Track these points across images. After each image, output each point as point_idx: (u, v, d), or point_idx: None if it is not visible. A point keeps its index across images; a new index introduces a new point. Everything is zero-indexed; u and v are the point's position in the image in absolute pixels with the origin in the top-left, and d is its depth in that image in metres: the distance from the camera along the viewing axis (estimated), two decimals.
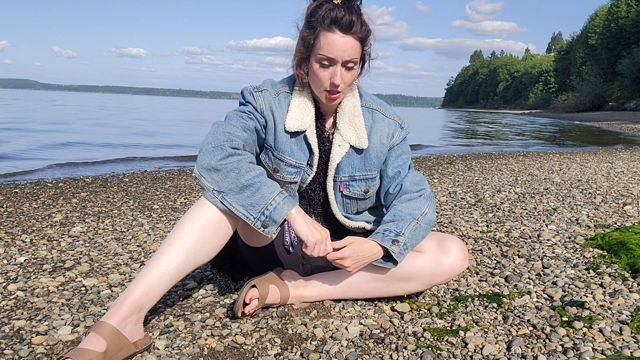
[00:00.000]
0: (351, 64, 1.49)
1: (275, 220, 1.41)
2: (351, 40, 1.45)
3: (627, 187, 4.25)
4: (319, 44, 1.47)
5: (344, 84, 1.51)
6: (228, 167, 1.40)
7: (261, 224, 1.41)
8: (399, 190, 1.68)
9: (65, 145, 8.51)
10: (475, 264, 2.17)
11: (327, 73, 1.49)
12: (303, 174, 1.64)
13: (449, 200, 3.67)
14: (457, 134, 16.65)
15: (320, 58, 1.47)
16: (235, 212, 1.41)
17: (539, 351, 1.40)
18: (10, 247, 2.37)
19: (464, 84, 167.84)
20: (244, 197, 1.40)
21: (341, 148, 1.63)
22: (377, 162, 1.68)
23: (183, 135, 12.38)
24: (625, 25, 55.51)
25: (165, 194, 3.95)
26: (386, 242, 1.54)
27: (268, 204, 1.40)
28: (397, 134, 1.69)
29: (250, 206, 1.40)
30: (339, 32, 1.44)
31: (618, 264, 2.11)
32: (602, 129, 21.21)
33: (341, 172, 1.65)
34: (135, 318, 1.36)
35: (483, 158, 7.50)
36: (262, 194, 1.40)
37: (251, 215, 1.40)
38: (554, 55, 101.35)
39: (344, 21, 1.43)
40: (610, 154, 8.27)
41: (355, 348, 1.43)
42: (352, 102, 1.64)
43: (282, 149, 1.60)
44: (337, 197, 1.69)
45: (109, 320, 1.32)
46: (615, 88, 51.61)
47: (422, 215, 1.61)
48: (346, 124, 1.63)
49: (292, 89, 1.63)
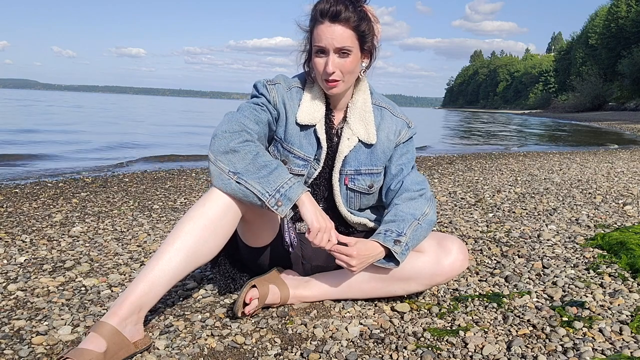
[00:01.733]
0: (345, 51, 1.53)
1: (290, 198, 1.41)
2: (340, 28, 1.50)
3: (627, 187, 4.25)
4: (314, 37, 1.54)
5: (340, 73, 1.55)
6: (246, 149, 1.43)
7: (275, 202, 1.40)
8: (400, 187, 1.70)
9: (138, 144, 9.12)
10: (475, 264, 2.17)
11: (322, 62, 1.54)
12: (310, 168, 1.67)
13: (449, 200, 3.67)
14: (457, 134, 16.65)
15: (316, 49, 1.55)
16: (251, 189, 1.40)
17: (539, 351, 1.40)
18: (10, 247, 2.37)
19: (464, 84, 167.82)
20: (261, 176, 1.41)
21: (350, 141, 1.66)
22: (383, 158, 1.71)
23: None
24: (625, 25, 55.51)
25: (165, 194, 3.95)
26: (388, 243, 1.54)
27: (284, 182, 1.42)
28: (403, 132, 1.73)
29: (266, 183, 1.40)
30: (327, 21, 1.51)
31: (618, 264, 2.11)
32: (602, 129, 21.22)
33: (347, 165, 1.68)
34: (136, 318, 1.36)
35: (483, 158, 7.50)
36: (279, 173, 1.43)
37: (267, 192, 1.40)
38: (554, 55, 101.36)
39: (331, 11, 1.49)
40: (610, 154, 8.27)
41: (355, 348, 1.43)
42: (364, 98, 1.69)
43: (291, 141, 1.64)
44: (341, 190, 1.70)
45: (109, 320, 1.32)
46: (615, 88, 51.60)
47: (423, 216, 1.62)
48: (357, 118, 1.67)
49: (303, 85, 1.68)
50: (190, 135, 12.37)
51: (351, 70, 1.56)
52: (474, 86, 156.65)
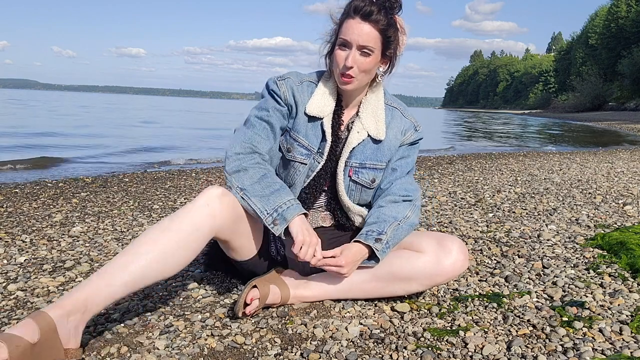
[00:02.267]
0: (367, 51, 1.55)
1: (285, 218, 1.49)
2: (368, 27, 1.53)
3: (627, 187, 4.25)
4: (341, 30, 1.57)
5: (358, 69, 1.57)
6: (256, 169, 1.55)
7: (272, 220, 1.50)
8: (388, 189, 1.73)
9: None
10: (475, 264, 2.17)
11: (344, 54, 1.57)
12: (312, 159, 1.69)
13: (449, 200, 3.67)
14: (456, 134, 16.64)
15: (340, 41, 1.58)
16: (252, 206, 1.51)
17: (539, 351, 1.40)
18: (10, 247, 2.37)
19: (464, 84, 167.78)
20: (263, 195, 1.52)
21: (359, 135, 1.70)
22: (388, 155, 1.74)
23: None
24: (625, 25, 55.50)
25: (165, 194, 3.95)
26: (370, 241, 1.58)
27: (283, 203, 1.51)
28: (409, 132, 1.76)
29: (267, 202, 1.51)
30: (358, 18, 1.54)
31: (618, 264, 2.11)
32: (602, 129, 21.21)
33: (354, 157, 1.71)
34: (78, 318, 1.29)
35: (483, 158, 7.50)
36: (280, 194, 1.53)
37: (266, 210, 1.50)
38: (554, 55, 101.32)
39: (364, 9, 1.52)
40: (610, 154, 8.27)
41: (355, 348, 1.43)
42: (377, 96, 1.73)
43: (297, 129, 1.68)
44: (345, 180, 1.73)
45: (49, 311, 1.24)
46: (615, 88, 51.58)
47: (404, 218, 1.66)
48: (369, 114, 1.70)
49: (317, 81, 1.71)
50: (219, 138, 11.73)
51: (368, 70, 1.59)
52: (474, 86, 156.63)
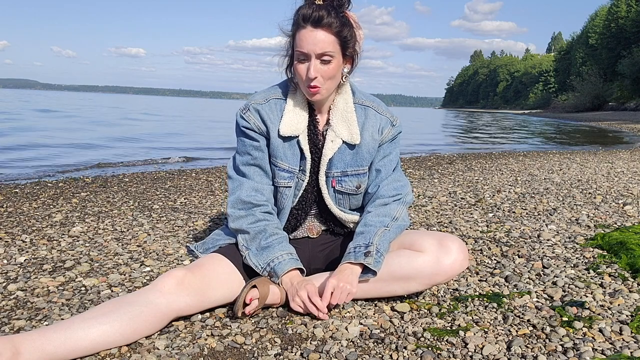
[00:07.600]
0: (327, 57, 1.52)
1: (277, 273, 1.58)
2: (322, 33, 1.50)
3: (627, 187, 4.25)
4: (296, 42, 1.53)
5: (322, 78, 1.54)
6: (256, 230, 1.64)
7: (268, 273, 1.60)
8: (375, 192, 1.72)
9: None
10: (475, 264, 2.17)
11: (305, 67, 1.53)
12: (296, 179, 1.67)
13: (449, 200, 3.67)
14: (457, 134, 16.64)
15: (297, 54, 1.54)
16: (249, 263, 1.62)
17: (539, 351, 1.40)
18: (10, 247, 2.37)
19: (464, 84, 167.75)
20: (258, 252, 1.63)
21: (334, 144, 1.66)
22: (368, 158, 1.70)
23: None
24: (625, 25, 55.47)
25: (165, 194, 3.95)
26: (360, 258, 1.57)
27: (275, 258, 1.60)
28: (386, 130, 1.71)
29: (260, 258, 1.62)
30: (309, 26, 1.50)
31: (618, 264, 2.11)
32: (602, 129, 21.20)
33: (333, 167, 1.68)
34: (8, 356, 1.19)
35: (483, 158, 7.50)
36: (272, 250, 1.61)
37: (260, 265, 1.61)
38: (554, 55, 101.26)
39: (313, 16, 1.49)
40: (610, 154, 8.26)
41: (355, 348, 1.43)
42: (345, 99, 1.67)
43: (275, 154, 1.65)
44: (329, 192, 1.72)
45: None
46: (615, 88, 51.53)
47: (392, 221, 1.66)
48: (339, 120, 1.66)
49: (284, 94, 1.66)
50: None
51: (332, 76, 1.56)
52: (474, 86, 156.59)
